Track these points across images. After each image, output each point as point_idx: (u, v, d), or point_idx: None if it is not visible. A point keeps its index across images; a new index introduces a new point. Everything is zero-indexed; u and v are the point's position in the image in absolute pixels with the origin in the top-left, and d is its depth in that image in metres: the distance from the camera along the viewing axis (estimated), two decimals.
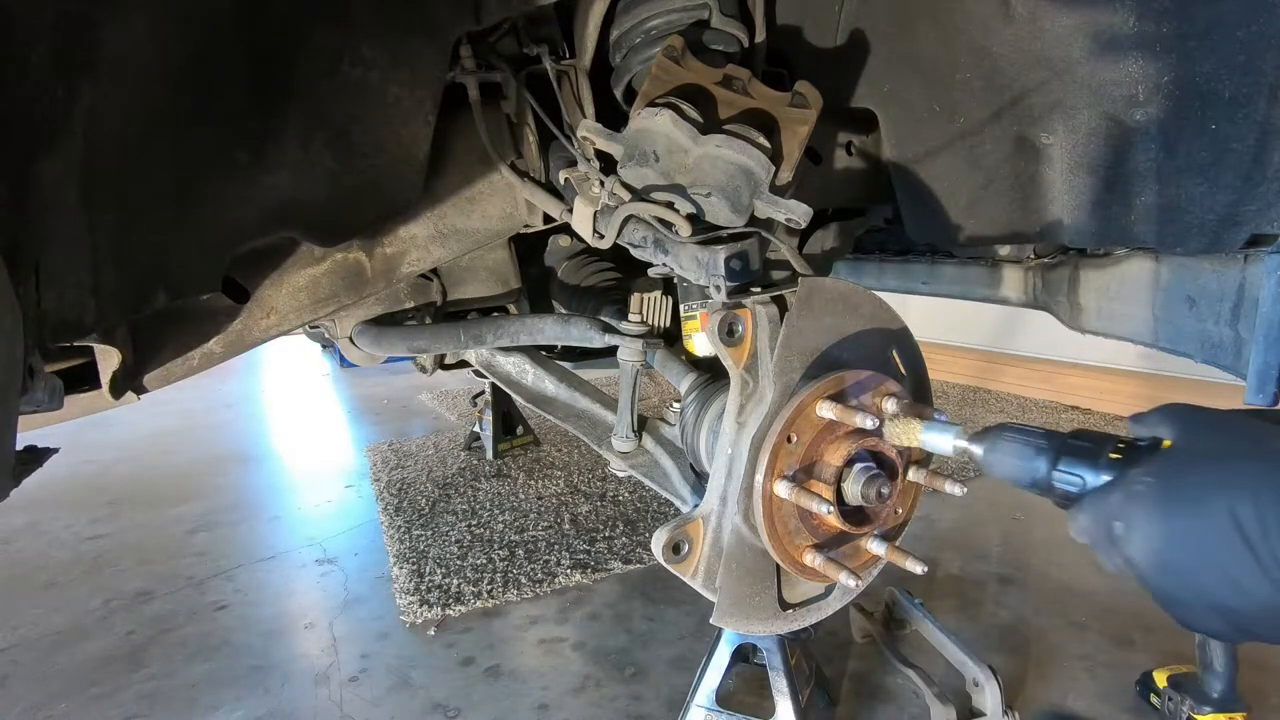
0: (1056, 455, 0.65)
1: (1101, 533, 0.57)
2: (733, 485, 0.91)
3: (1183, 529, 0.51)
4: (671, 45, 1.02)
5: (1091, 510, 0.58)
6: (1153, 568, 0.53)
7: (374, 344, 1.55)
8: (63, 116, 0.75)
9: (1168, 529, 0.52)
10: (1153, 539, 0.53)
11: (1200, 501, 0.50)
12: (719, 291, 1.00)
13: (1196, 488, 0.51)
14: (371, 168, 1.12)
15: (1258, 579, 0.47)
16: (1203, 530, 0.49)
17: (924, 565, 0.87)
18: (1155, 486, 0.54)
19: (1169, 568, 0.52)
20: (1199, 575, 0.50)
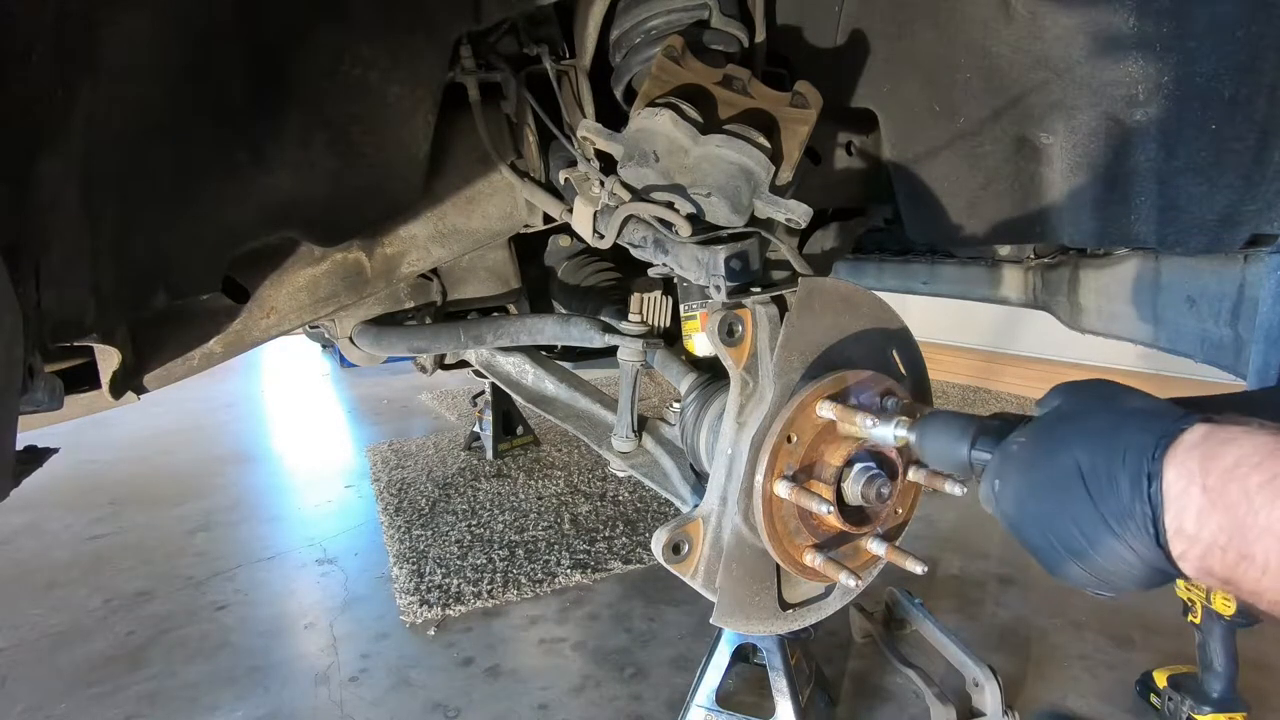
0: (975, 436, 0.68)
1: (989, 494, 0.60)
2: (733, 485, 0.91)
3: (1039, 481, 0.53)
4: (671, 45, 1.02)
5: (985, 476, 0.61)
6: (1018, 519, 0.55)
7: (374, 344, 1.55)
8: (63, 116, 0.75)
9: (1028, 481, 0.55)
10: (1017, 492, 0.55)
11: (1053, 455, 0.53)
12: (719, 291, 1.00)
13: (1052, 443, 0.54)
14: (371, 168, 1.12)
15: (1094, 521, 0.48)
16: (1053, 481, 0.51)
17: (924, 565, 0.87)
18: (1023, 446, 0.57)
19: (1030, 519, 0.54)
20: (1054, 524, 0.51)
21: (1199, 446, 0.43)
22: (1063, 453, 0.52)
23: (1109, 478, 0.47)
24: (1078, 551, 0.50)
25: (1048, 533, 0.52)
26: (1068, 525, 0.50)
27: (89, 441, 3.93)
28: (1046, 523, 0.52)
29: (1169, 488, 0.44)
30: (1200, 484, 0.42)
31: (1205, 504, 0.42)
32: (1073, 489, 0.50)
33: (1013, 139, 1.09)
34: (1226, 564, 0.41)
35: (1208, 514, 0.42)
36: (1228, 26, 0.80)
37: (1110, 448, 0.48)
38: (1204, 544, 0.42)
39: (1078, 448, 0.51)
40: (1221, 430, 0.43)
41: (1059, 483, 0.51)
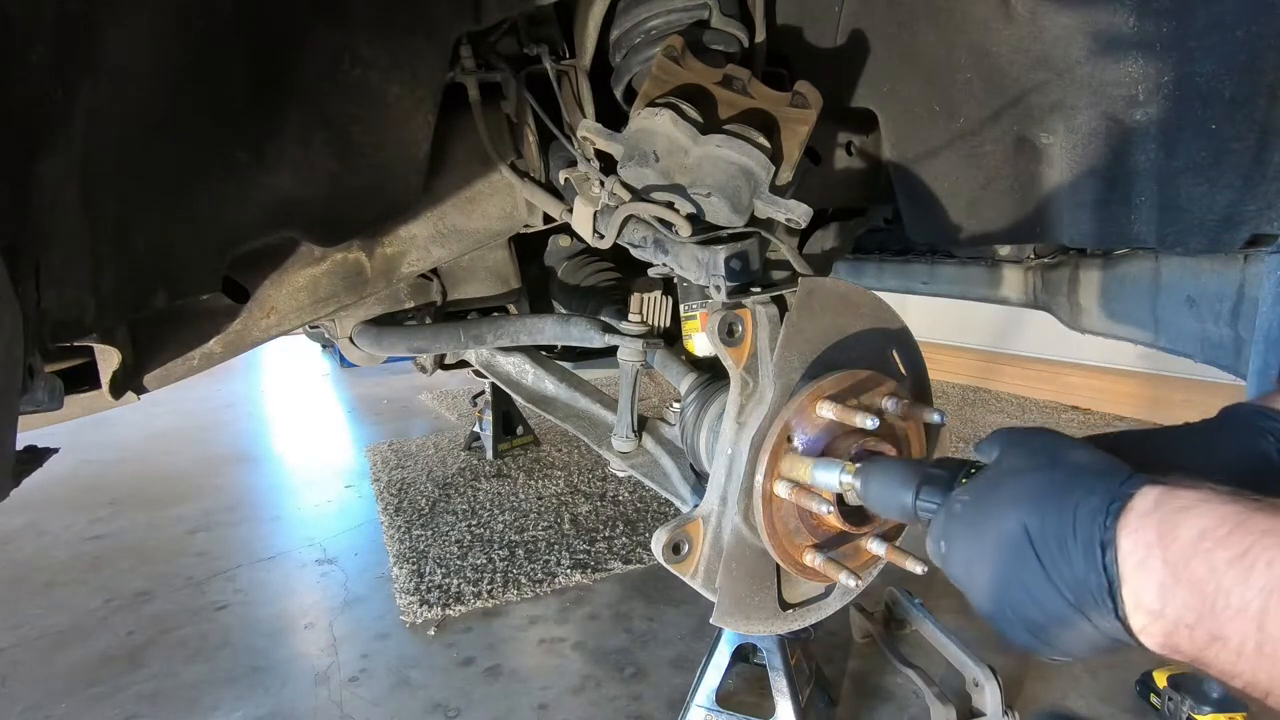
0: (919, 486, 0.65)
1: (936, 552, 0.58)
2: (733, 485, 0.91)
3: (987, 546, 0.51)
4: (671, 45, 1.02)
5: (931, 533, 0.59)
6: (969, 584, 0.54)
7: (374, 344, 1.55)
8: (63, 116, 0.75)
9: (976, 545, 0.52)
10: (966, 556, 0.54)
11: (999, 518, 0.51)
12: (719, 291, 1.00)
13: (997, 504, 0.52)
14: (371, 168, 1.12)
15: (1048, 590, 0.46)
16: (1002, 547, 0.49)
17: (924, 565, 0.87)
18: (967, 505, 0.55)
19: (980, 585, 0.52)
20: (1006, 593, 0.50)
21: (1153, 514, 0.42)
22: (1009, 514, 0.50)
23: (1059, 544, 0.46)
24: (1033, 621, 0.48)
25: (1000, 601, 0.50)
26: (1020, 595, 0.48)
27: (89, 441, 3.93)
28: (998, 591, 0.50)
29: (1125, 558, 0.42)
30: (1160, 557, 0.41)
31: (1168, 578, 0.40)
32: (1023, 556, 0.48)
33: (1013, 139, 1.09)
34: (1196, 643, 0.40)
35: (1171, 590, 0.40)
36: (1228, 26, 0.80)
37: (1059, 510, 0.46)
38: (1169, 620, 0.41)
39: (1024, 509, 0.49)
40: (1175, 496, 0.42)
41: (1008, 548, 0.49)
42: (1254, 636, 0.36)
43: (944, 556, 0.57)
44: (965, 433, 3.65)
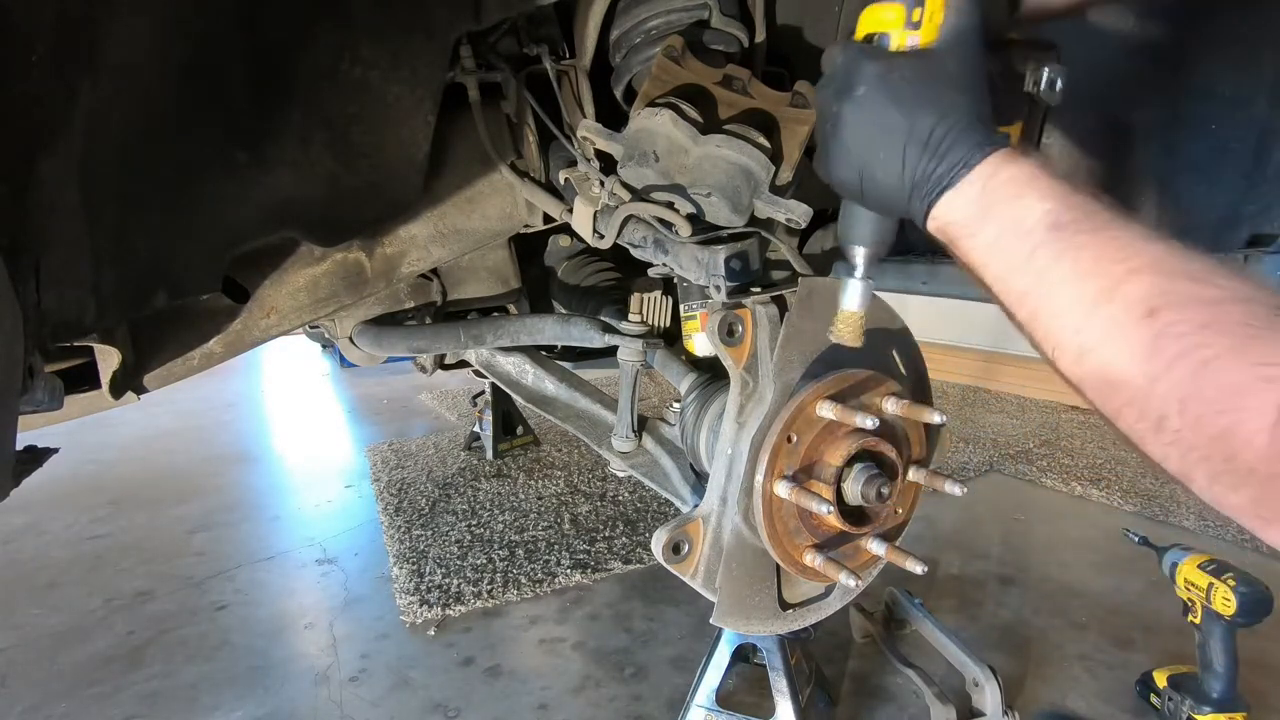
0: None
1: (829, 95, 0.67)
2: (733, 485, 0.91)
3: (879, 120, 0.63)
4: (671, 45, 1.02)
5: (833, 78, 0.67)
6: (841, 136, 0.65)
7: (374, 344, 1.55)
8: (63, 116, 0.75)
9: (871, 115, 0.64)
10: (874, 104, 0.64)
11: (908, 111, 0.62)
12: (719, 291, 1.00)
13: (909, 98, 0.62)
14: (371, 168, 1.12)
15: (900, 171, 0.62)
16: (891, 128, 0.62)
17: (924, 565, 0.87)
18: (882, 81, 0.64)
19: (856, 137, 0.65)
20: (871, 151, 0.64)
21: (992, 164, 0.59)
22: (916, 113, 0.61)
23: (932, 154, 0.61)
24: (873, 180, 0.64)
25: (862, 158, 0.64)
26: (880, 161, 0.63)
27: (89, 441, 3.93)
28: (866, 150, 0.64)
29: (964, 183, 0.60)
30: (980, 187, 0.59)
31: (975, 199, 0.59)
32: (904, 142, 0.61)
33: None
34: (955, 237, 0.62)
35: (970, 204, 0.59)
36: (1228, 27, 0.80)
37: (947, 133, 0.60)
38: (952, 221, 0.61)
39: (926, 115, 0.61)
40: (1010, 161, 0.59)
41: (897, 132, 0.62)
42: (991, 238, 0.59)
43: (838, 106, 0.65)
44: (965, 432, 3.65)
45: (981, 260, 0.60)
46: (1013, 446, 3.42)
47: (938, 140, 0.60)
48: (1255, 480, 0.46)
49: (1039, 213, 0.56)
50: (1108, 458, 3.22)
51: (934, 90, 0.61)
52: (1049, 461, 3.19)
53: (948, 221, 0.61)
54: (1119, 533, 1.87)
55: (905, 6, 0.64)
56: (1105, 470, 3.07)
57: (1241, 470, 0.46)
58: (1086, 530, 2.53)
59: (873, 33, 0.67)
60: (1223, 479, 0.48)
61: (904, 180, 0.62)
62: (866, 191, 0.66)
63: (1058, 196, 0.56)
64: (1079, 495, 2.82)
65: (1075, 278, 0.54)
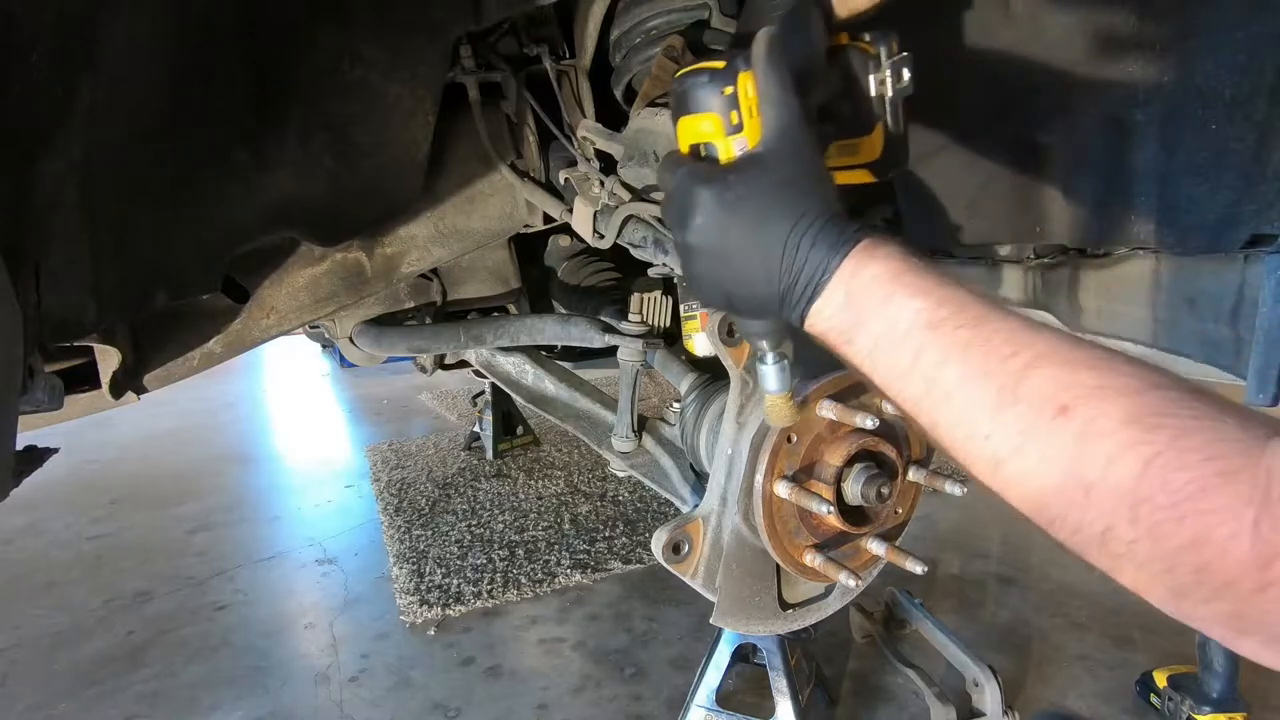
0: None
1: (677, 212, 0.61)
2: (733, 485, 0.91)
3: (736, 234, 0.58)
4: (671, 45, 1.02)
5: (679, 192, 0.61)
6: (703, 253, 0.61)
7: (374, 344, 1.55)
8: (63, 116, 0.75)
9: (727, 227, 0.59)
10: (711, 229, 0.59)
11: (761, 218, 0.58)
12: None
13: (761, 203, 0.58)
14: (372, 168, 1.12)
15: (766, 285, 0.58)
16: (747, 239, 0.58)
17: (924, 565, 0.87)
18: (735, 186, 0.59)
19: (710, 256, 0.60)
20: (730, 271, 0.60)
21: (855, 259, 0.55)
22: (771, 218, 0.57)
23: (793, 259, 0.56)
24: (739, 297, 0.61)
25: (721, 279, 0.61)
26: (742, 279, 0.59)
27: (89, 441, 3.93)
28: (724, 270, 0.60)
29: (830, 285, 0.56)
30: (845, 289, 0.55)
31: (843, 301, 0.55)
32: (761, 254, 0.57)
33: (1013, 139, 1.09)
34: (838, 342, 0.57)
35: (842, 309, 0.55)
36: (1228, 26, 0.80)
37: (806, 239, 0.56)
38: (831, 325, 0.57)
39: (764, 225, 0.57)
40: (872, 251, 0.55)
41: (754, 244, 0.58)
42: (869, 345, 0.55)
43: (686, 220, 0.60)
44: None
45: (867, 367, 0.55)
46: None
47: (790, 253, 0.56)
48: (1234, 593, 0.40)
49: (911, 312, 0.52)
50: None
51: (773, 200, 0.57)
52: None
53: (823, 330, 0.57)
54: None
55: (720, 115, 0.59)
56: None
57: (1215, 583, 0.40)
58: None
59: (698, 144, 0.62)
60: (1192, 593, 0.42)
61: (770, 294, 0.58)
62: (739, 311, 0.64)
63: (926, 291, 0.52)
64: None
65: (969, 380, 0.49)
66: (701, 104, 0.60)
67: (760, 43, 0.58)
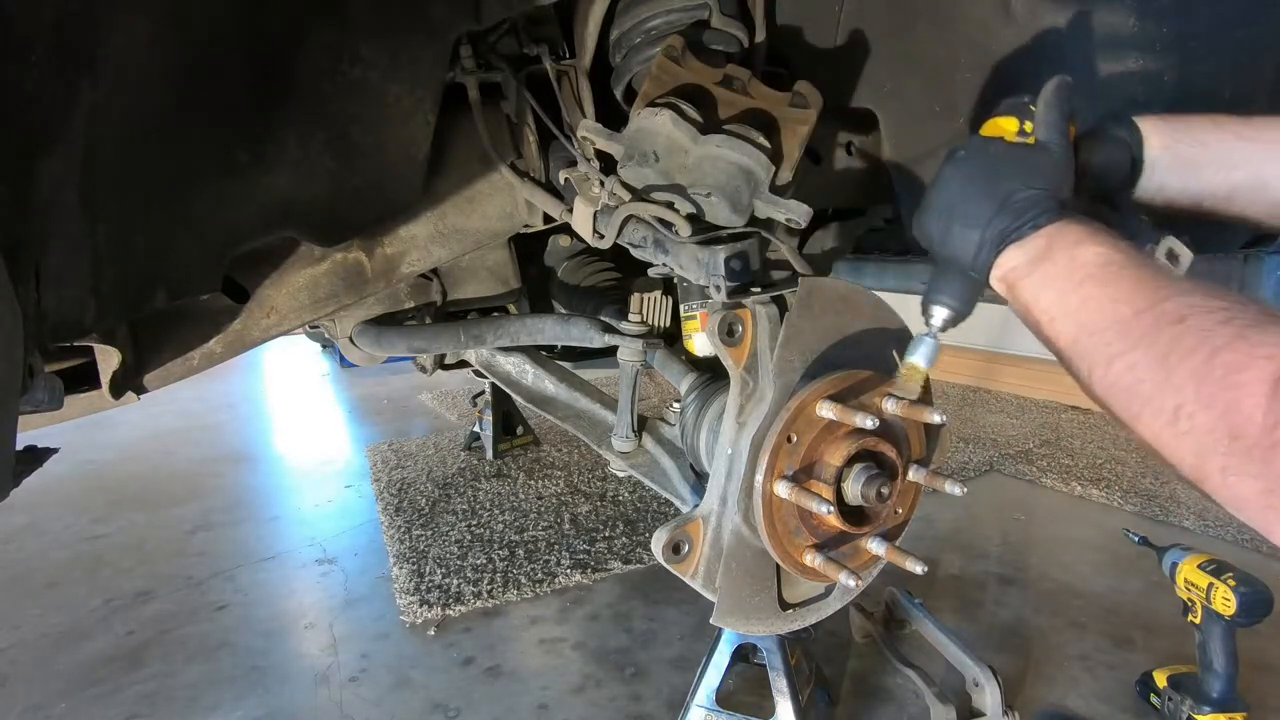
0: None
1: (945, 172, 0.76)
2: (733, 485, 0.91)
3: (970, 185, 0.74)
4: (671, 45, 1.02)
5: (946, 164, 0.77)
6: (940, 193, 0.76)
7: (374, 344, 1.55)
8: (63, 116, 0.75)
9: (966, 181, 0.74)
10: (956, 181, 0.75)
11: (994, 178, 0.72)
12: (719, 291, 1.00)
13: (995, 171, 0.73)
14: (371, 168, 1.12)
15: (978, 229, 0.71)
16: (979, 193, 0.72)
17: (924, 565, 0.87)
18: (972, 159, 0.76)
19: (949, 194, 0.75)
20: (960, 210, 0.73)
21: (1053, 231, 0.68)
22: (1001, 181, 0.71)
23: (1012, 215, 0.70)
24: (955, 232, 0.73)
25: (951, 212, 0.74)
26: (964, 218, 0.73)
27: (89, 441, 3.93)
28: (958, 206, 0.73)
29: (1025, 243, 0.69)
30: (1044, 249, 0.68)
31: (1036, 260, 0.68)
32: (987, 205, 0.71)
33: None
34: (1019, 296, 0.70)
35: (1032, 264, 0.68)
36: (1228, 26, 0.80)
37: (1023, 198, 0.70)
38: (1019, 275, 0.69)
39: (1008, 184, 0.71)
40: (1068, 229, 0.67)
41: (984, 197, 0.72)
42: (1044, 277, 0.67)
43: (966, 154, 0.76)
44: (965, 433, 3.65)
45: (1033, 295, 0.68)
46: (1013, 446, 3.42)
47: (1016, 203, 0.69)
48: (1257, 458, 0.48)
49: (1092, 253, 0.64)
50: (1108, 458, 3.22)
51: (1024, 167, 0.71)
52: (1049, 461, 3.19)
53: (1010, 268, 0.70)
54: (1119, 533, 1.87)
55: (1019, 119, 0.76)
56: (1105, 470, 3.07)
57: (1245, 448, 0.49)
58: (1086, 530, 2.53)
59: (991, 136, 0.77)
60: (1232, 467, 0.50)
61: (981, 234, 0.70)
62: (946, 241, 0.75)
63: (1112, 244, 0.64)
64: (1079, 495, 2.82)
65: (1117, 300, 0.60)
66: (1011, 110, 0.77)
67: (1051, 83, 0.75)
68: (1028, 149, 0.73)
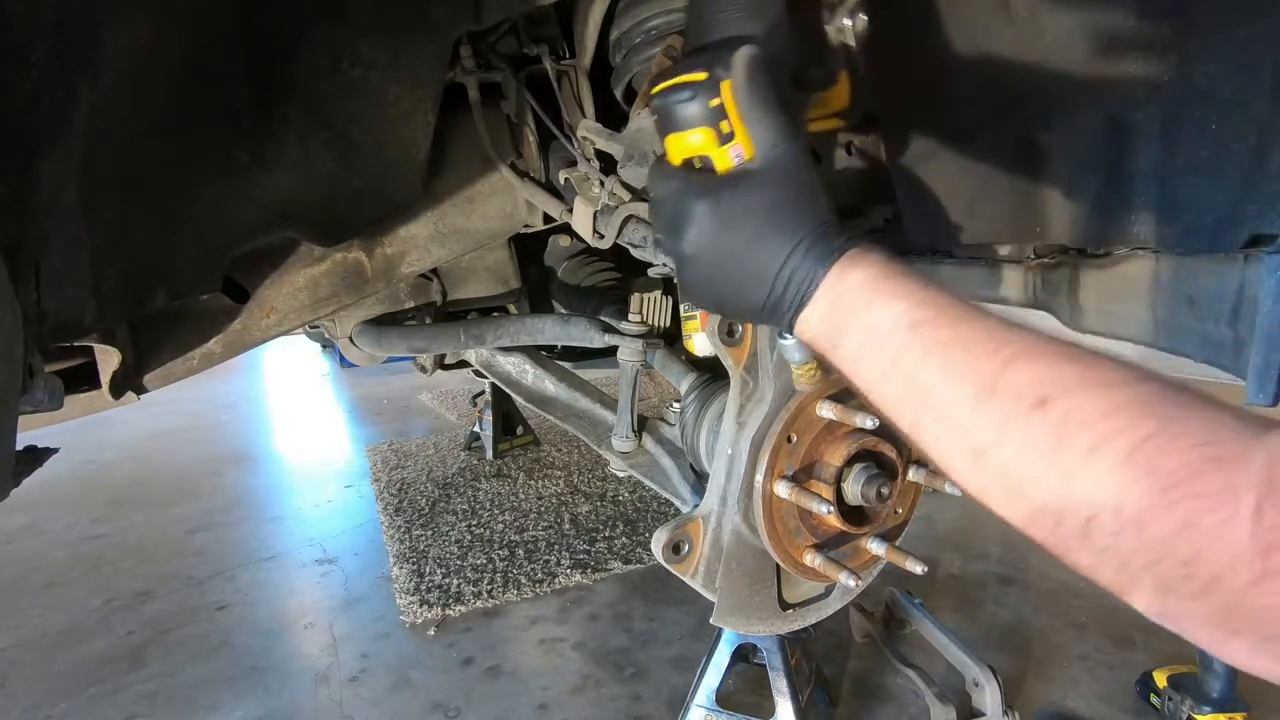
0: None
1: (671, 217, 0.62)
2: (733, 485, 0.91)
3: (725, 258, 0.59)
4: (671, 45, 1.02)
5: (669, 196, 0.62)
6: (697, 259, 0.61)
7: (374, 344, 1.55)
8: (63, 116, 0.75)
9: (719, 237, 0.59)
10: (704, 238, 0.60)
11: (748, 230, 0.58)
12: None
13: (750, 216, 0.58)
14: (371, 168, 1.12)
15: (756, 296, 0.58)
16: (738, 253, 0.59)
17: (924, 565, 0.87)
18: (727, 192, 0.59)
19: (708, 268, 0.61)
20: (724, 282, 0.60)
21: (840, 267, 0.56)
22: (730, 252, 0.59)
23: (787, 276, 0.57)
24: (729, 303, 0.62)
25: (714, 284, 0.61)
26: (734, 289, 0.60)
27: (89, 441, 3.93)
28: (717, 275, 0.60)
29: (818, 293, 0.56)
30: (829, 298, 0.56)
31: (828, 311, 0.56)
32: (756, 268, 0.58)
33: (1013, 139, 1.09)
34: (823, 348, 0.58)
35: (825, 318, 0.56)
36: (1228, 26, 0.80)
37: (799, 249, 0.57)
38: (816, 333, 0.58)
39: (762, 244, 0.58)
40: (854, 260, 0.56)
41: (744, 259, 0.58)
42: (854, 348, 0.55)
43: (679, 224, 0.60)
44: None
45: (852, 371, 0.56)
46: None
47: (783, 267, 0.57)
48: (1226, 586, 0.37)
49: (892, 315, 0.52)
50: None
51: (769, 218, 0.57)
52: None
53: (810, 337, 0.59)
54: None
55: (710, 127, 0.57)
56: None
57: (1206, 575, 0.37)
58: None
59: (690, 157, 0.60)
60: (1179, 588, 0.39)
61: (760, 302, 0.58)
62: (728, 315, 0.68)
63: (907, 294, 0.53)
64: None
65: (949, 376, 0.49)
66: (689, 120, 0.58)
67: (740, 67, 0.57)
68: (756, 185, 0.57)
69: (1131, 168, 0.95)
